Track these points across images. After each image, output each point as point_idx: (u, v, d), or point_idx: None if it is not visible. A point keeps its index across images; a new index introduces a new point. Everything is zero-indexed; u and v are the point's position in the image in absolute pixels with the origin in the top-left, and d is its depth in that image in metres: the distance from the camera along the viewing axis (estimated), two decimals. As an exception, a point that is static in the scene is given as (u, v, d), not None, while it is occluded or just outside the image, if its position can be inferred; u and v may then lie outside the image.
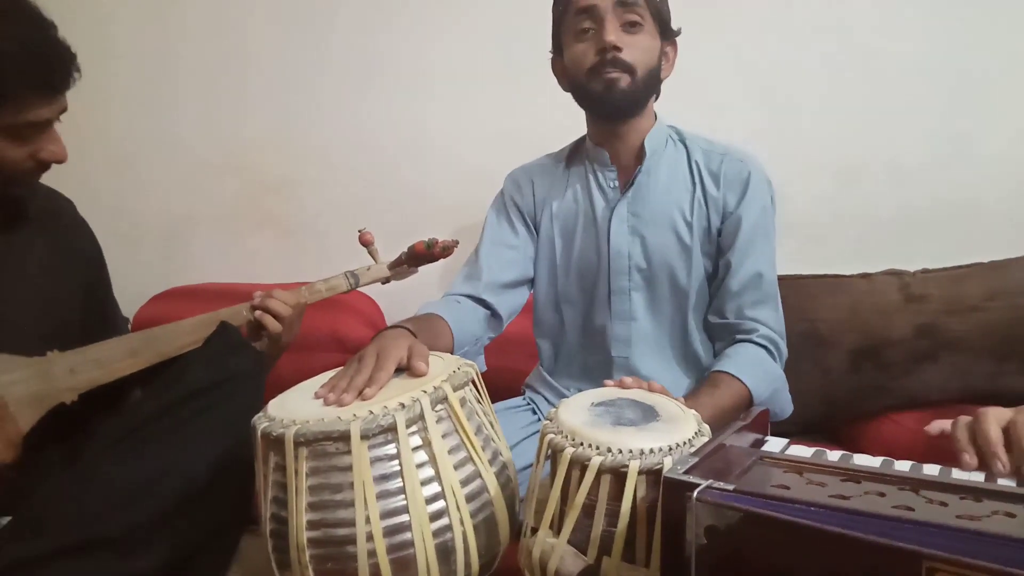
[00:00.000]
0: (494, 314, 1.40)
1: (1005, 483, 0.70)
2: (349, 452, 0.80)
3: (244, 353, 1.20)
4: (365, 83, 2.22)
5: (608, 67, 1.27)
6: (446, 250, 1.40)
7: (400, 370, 0.95)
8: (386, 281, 1.44)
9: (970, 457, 0.76)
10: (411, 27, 2.17)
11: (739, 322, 1.33)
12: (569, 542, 0.80)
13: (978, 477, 0.72)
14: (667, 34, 1.34)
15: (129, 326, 1.57)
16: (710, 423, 0.96)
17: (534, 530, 0.85)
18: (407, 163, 2.22)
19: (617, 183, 1.40)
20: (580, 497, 0.79)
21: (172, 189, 2.38)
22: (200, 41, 2.30)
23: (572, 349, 1.46)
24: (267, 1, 2.25)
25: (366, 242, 1.40)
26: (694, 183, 1.38)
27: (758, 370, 1.27)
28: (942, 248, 1.89)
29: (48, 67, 1.08)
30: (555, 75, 1.42)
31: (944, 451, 0.79)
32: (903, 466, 0.74)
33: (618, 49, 1.26)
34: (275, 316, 1.26)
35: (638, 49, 1.29)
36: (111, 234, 1.46)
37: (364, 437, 0.80)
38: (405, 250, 1.40)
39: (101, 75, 2.31)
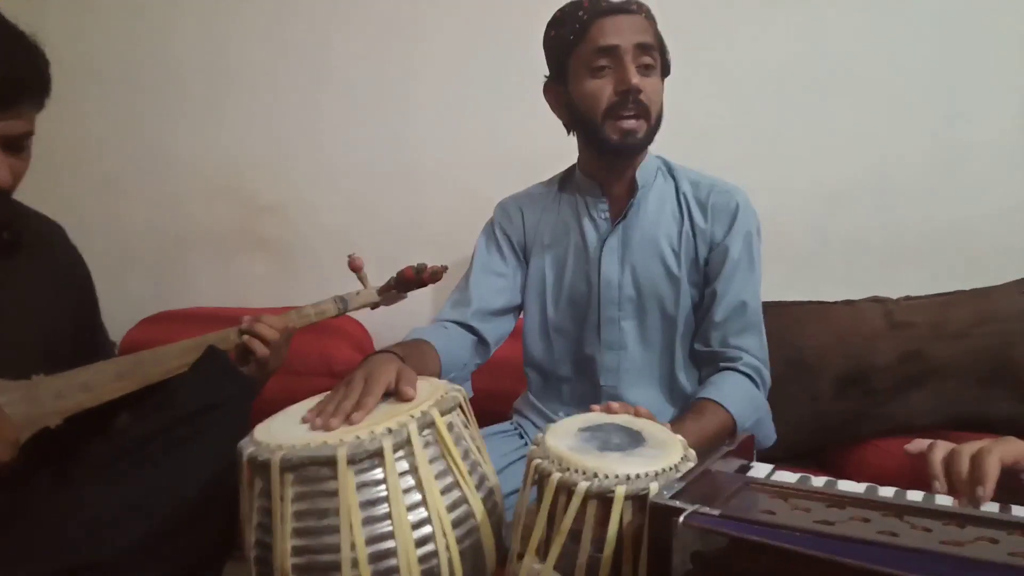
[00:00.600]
0: (481, 340, 1.41)
1: (988, 509, 0.70)
2: (335, 477, 0.79)
3: (232, 378, 1.20)
4: (358, 107, 2.23)
5: (629, 109, 1.27)
6: (435, 275, 1.40)
7: (388, 395, 0.95)
8: (375, 306, 1.44)
9: (940, 485, 0.77)
10: (404, 52, 2.19)
11: (724, 350, 1.34)
12: (555, 568, 0.80)
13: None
14: (667, 73, 1.36)
15: (116, 350, 1.56)
16: (694, 450, 0.96)
17: (520, 556, 0.84)
18: (399, 188, 2.23)
19: (608, 214, 1.41)
20: (567, 522, 0.79)
21: (163, 211, 2.38)
22: (193, 61, 2.31)
23: (560, 377, 1.46)
24: (262, 23, 2.26)
25: (356, 267, 1.40)
26: (682, 214, 1.39)
27: (743, 398, 1.28)
28: (929, 274, 1.92)
29: None
30: (548, 99, 1.41)
31: (927, 480, 0.80)
32: (887, 492, 0.75)
33: (639, 91, 1.27)
34: (263, 341, 1.25)
35: (653, 91, 1.30)
36: (100, 256, 1.46)
37: (351, 462, 0.80)
38: (394, 275, 1.41)
39: (91, 95, 2.33)
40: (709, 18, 1.99)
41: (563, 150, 1.48)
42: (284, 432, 0.87)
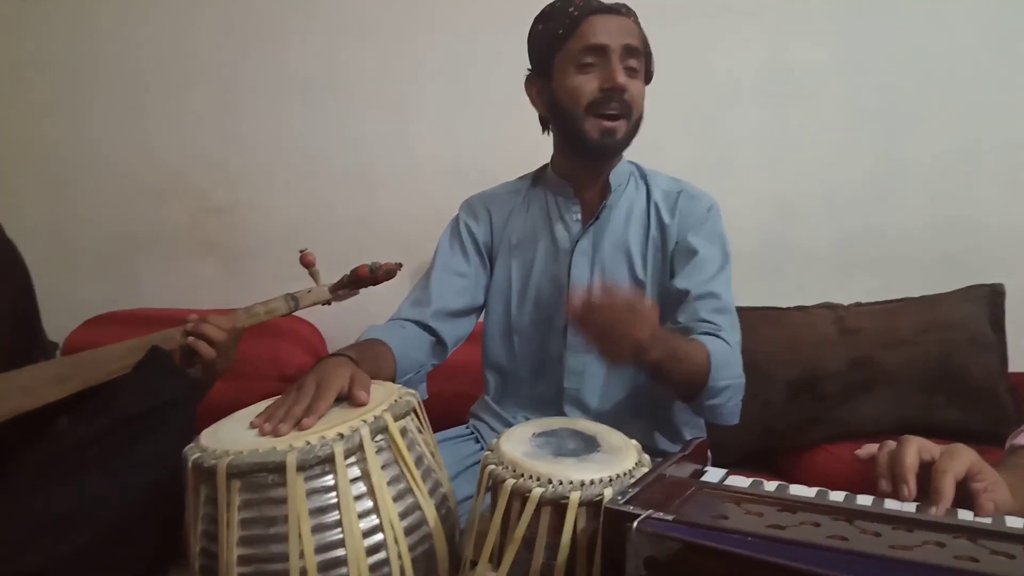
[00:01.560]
0: (439, 341, 1.39)
1: (936, 513, 0.71)
2: (284, 484, 0.77)
3: (176, 379, 1.17)
4: (312, 108, 2.20)
5: (612, 107, 1.28)
6: (389, 274, 1.38)
7: (341, 399, 0.93)
8: (327, 303, 1.42)
9: (886, 483, 0.78)
10: (362, 53, 2.17)
11: (697, 324, 1.28)
12: (509, 575, 0.79)
13: (910, 508, 0.73)
14: (649, 79, 1.37)
15: (59, 352, 1.51)
16: (661, 355, 1.03)
17: (474, 563, 0.84)
18: (354, 189, 2.21)
19: (580, 216, 1.40)
20: (520, 529, 0.78)
21: (110, 210, 2.32)
22: (142, 58, 2.25)
23: (520, 380, 1.45)
24: (217, 22, 2.22)
25: (307, 263, 1.37)
26: (650, 220, 1.39)
27: (723, 356, 1.22)
28: (879, 282, 1.96)
29: None
30: (529, 93, 1.40)
31: (875, 482, 0.81)
32: (838, 496, 0.75)
33: (624, 90, 1.27)
34: (209, 342, 1.22)
35: (637, 93, 1.31)
36: (43, 256, 1.41)
37: (301, 468, 0.78)
38: (348, 273, 1.38)
39: (39, 91, 2.27)
40: (665, 28, 2.00)
41: (520, 156, 1.48)
42: (231, 437, 0.85)
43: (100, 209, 2.32)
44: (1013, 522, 0.67)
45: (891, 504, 0.74)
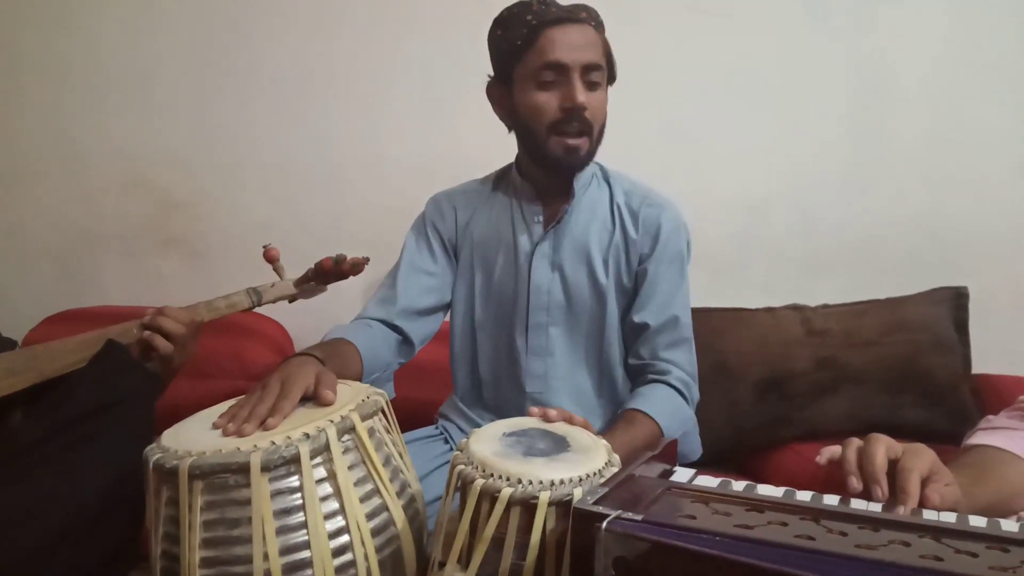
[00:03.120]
0: (406, 340, 1.37)
1: (901, 513, 0.72)
2: (248, 485, 0.76)
3: (134, 374, 1.14)
4: (280, 103, 2.18)
5: (573, 124, 1.26)
6: (355, 267, 1.35)
7: (307, 399, 0.91)
8: (292, 299, 1.39)
9: (856, 481, 0.78)
10: (331, 49, 2.15)
11: (654, 363, 1.35)
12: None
13: (876, 507, 0.73)
14: (612, 80, 1.34)
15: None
16: (625, 458, 0.96)
17: (442, 564, 0.83)
18: (322, 185, 2.19)
19: (542, 218, 1.39)
20: (489, 530, 0.77)
21: (71, 206, 2.27)
22: (103, 48, 2.21)
23: (487, 380, 1.44)
24: (182, 16, 2.18)
25: (271, 258, 1.35)
26: (614, 224, 1.39)
27: (671, 411, 1.29)
28: (845, 283, 1.98)
29: None
30: (490, 100, 1.37)
31: (840, 483, 0.81)
32: (805, 496, 0.76)
33: (585, 108, 1.25)
34: (166, 335, 1.18)
35: (597, 107, 1.28)
36: (3, 251, 1.38)
37: (265, 469, 0.76)
38: (312, 266, 1.36)
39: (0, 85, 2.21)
40: (635, 28, 2.02)
41: (489, 152, 1.47)
42: (193, 438, 0.83)
43: (60, 203, 2.27)
44: (976, 521, 0.68)
45: (857, 504, 0.74)
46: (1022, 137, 2.00)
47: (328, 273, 1.35)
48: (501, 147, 1.44)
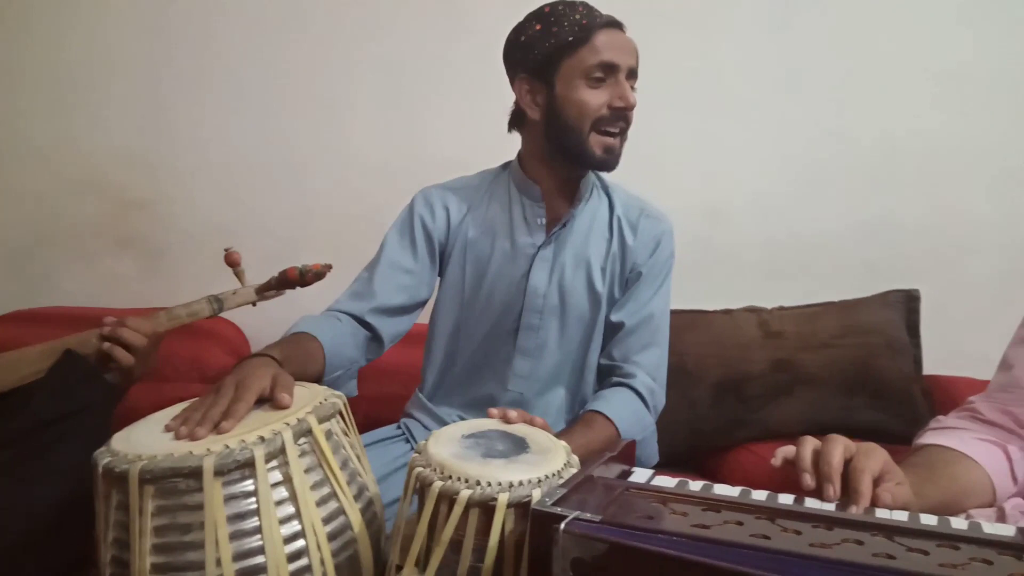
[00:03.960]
0: (376, 338, 1.35)
1: (854, 512, 0.73)
2: (201, 490, 0.74)
3: (92, 384, 1.11)
4: (241, 102, 2.15)
5: (618, 124, 1.29)
6: (319, 276, 1.33)
7: (263, 401, 0.90)
8: (253, 304, 1.37)
9: (810, 479, 0.79)
10: (293, 49, 2.13)
11: (622, 365, 1.36)
12: (435, 579, 0.78)
13: (829, 506, 0.75)
14: None
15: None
16: (582, 458, 0.96)
17: (399, 568, 0.82)
18: (284, 186, 2.16)
19: (544, 220, 1.39)
20: (447, 532, 0.77)
21: (23, 205, 2.22)
22: (63, 50, 2.16)
23: (460, 380, 1.43)
24: (140, 13, 2.14)
25: (232, 262, 1.32)
26: (612, 233, 1.40)
27: (631, 416, 1.30)
28: (801, 286, 2.01)
29: None
30: (519, 93, 1.35)
31: (795, 482, 0.82)
32: (760, 495, 0.77)
33: (632, 108, 1.29)
34: (127, 347, 1.15)
35: (635, 104, 1.31)
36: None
37: (218, 473, 0.75)
38: (276, 274, 1.34)
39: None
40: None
41: (453, 154, 1.47)
42: (145, 441, 0.81)
43: (13, 202, 2.22)
44: (927, 520, 0.70)
45: (811, 503, 0.75)
46: (973, 145, 2.05)
47: (292, 283, 1.33)
48: (463, 151, 1.45)
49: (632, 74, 1.30)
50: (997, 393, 1.08)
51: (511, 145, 1.45)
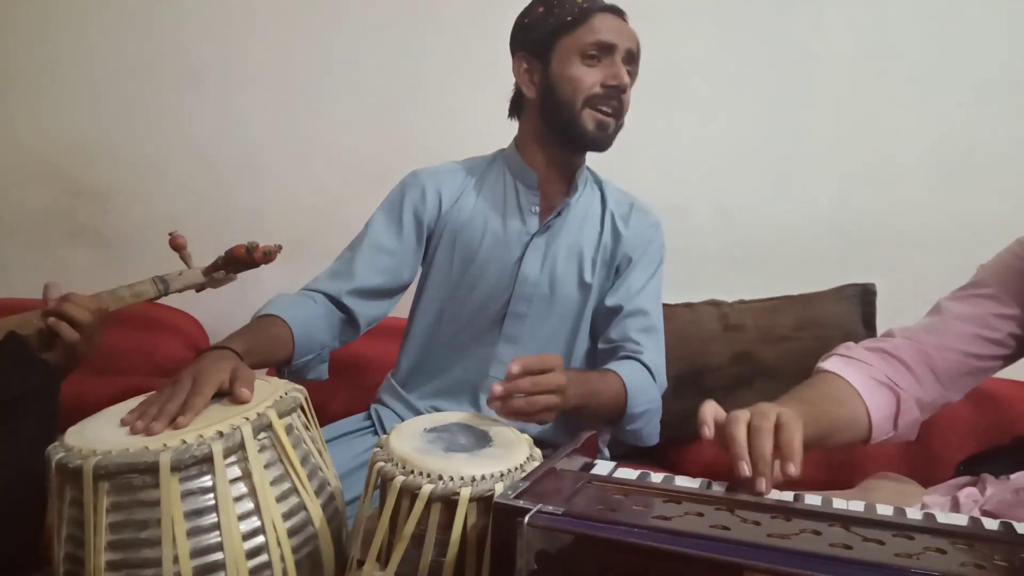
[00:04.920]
0: (352, 320, 1.34)
1: (812, 501, 0.74)
2: (157, 486, 0.73)
3: (34, 368, 1.08)
4: (197, 91, 2.11)
5: (611, 102, 1.30)
6: (268, 255, 1.29)
7: (223, 395, 0.88)
8: (200, 288, 1.33)
9: (747, 468, 0.79)
10: (254, 38, 2.09)
11: (625, 344, 1.36)
12: (397, 574, 0.77)
13: (787, 496, 0.76)
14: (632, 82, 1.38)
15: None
16: (581, 401, 1.08)
17: (361, 563, 0.81)
18: (240, 176, 2.13)
19: (538, 208, 1.39)
20: (409, 527, 0.77)
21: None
22: (8, 35, 2.09)
23: (439, 364, 1.42)
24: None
25: (177, 246, 1.29)
26: (604, 225, 1.42)
27: (640, 383, 1.30)
28: (760, 280, 2.03)
29: None
30: (517, 72, 1.37)
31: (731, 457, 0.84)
32: (720, 487, 0.78)
33: (624, 90, 1.31)
34: (72, 323, 1.12)
35: (627, 98, 1.34)
36: None
37: (175, 469, 0.74)
38: (223, 254, 1.31)
39: None
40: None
41: (415, 151, 1.46)
42: (99, 436, 0.79)
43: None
44: (884, 510, 0.71)
45: (771, 494, 0.76)
46: (929, 140, 2.09)
47: (239, 261, 1.30)
48: (426, 146, 1.44)
49: (630, 58, 1.32)
50: (920, 333, 1.12)
51: (479, 137, 1.45)
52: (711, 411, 0.88)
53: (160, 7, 2.09)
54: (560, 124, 1.33)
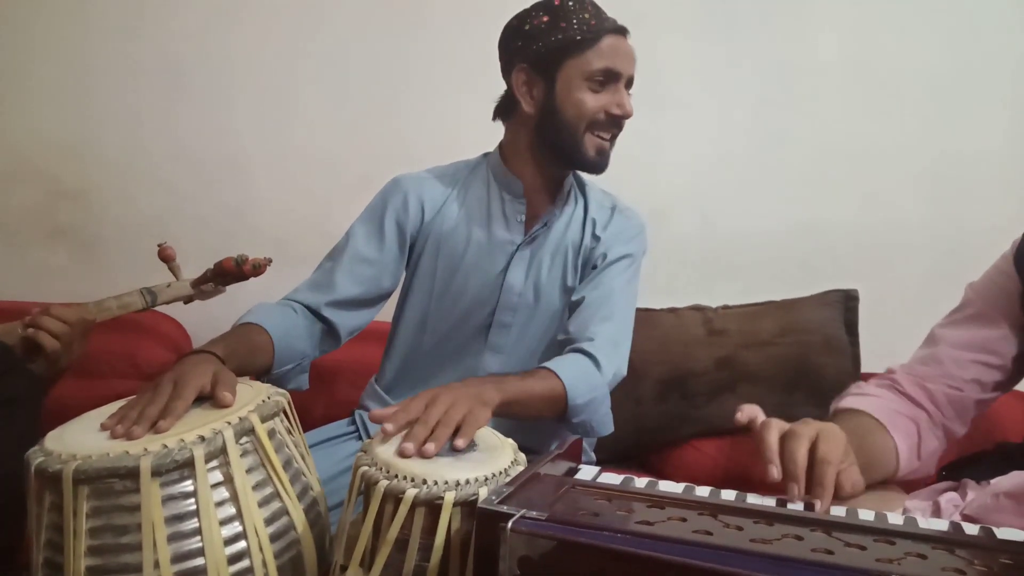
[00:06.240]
0: (332, 331, 1.32)
1: (794, 507, 0.75)
2: (137, 490, 0.72)
3: (17, 376, 1.08)
4: (181, 92, 2.09)
5: (611, 129, 1.31)
6: (257, 268, 1.30)
7: (205, 400, 0.88)
8: (188, 300, 1.33)
9: (777, 472, 0.79)
10: (237, 38, 2.08)
11: (576, 337, 1.33)
12: (380, 579, 0.77)
13: (770, 502, 0.76)
14: None
15: None
16: (518, 401, 1.06)
17: (344, 568, 0.81)
18: (225, 178, 2.11)
19: (523, 217, 1.38)
20: (393, 531, 0.76)
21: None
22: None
23: (424, 372, 1.41)
24: (71, -4, 2.07)
25: (167, 257, 1.29)
26: (585, 232, 1.41)
27: (578, 373, 1.25)
28: (742, 286, 2.04)
29: None
30: (515, 83, 1.33)
31: (740, 478, 0.84)
32: (703, 492, 0.78)
33: (629, 117, 1.32)
34: (50, 334, 1.13)
35: (632, 113, 1.33)
36: None
37: (156, 474, 0.73)
38: (211, 267, 1.31)
39: None
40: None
41: (396, 155, 1.46)
42: (79, 440, 0.78)
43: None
44: (865, 515, 0.72)
45: (753, 499, 0.77)
46: (909, 149, 2.11)
47: (228, 274, 1.30)
48: (407, 149, 1.43)
49: (630, 83, 1.32)
50: (917, 366, 1.11)
51: (462, 141, 1.44)
52: (751, 408, 0.87)
53: (145, 7, 2.08)
54: (558, 144, 1.32)
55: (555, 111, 1.30)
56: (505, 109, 1.38)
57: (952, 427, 1.09)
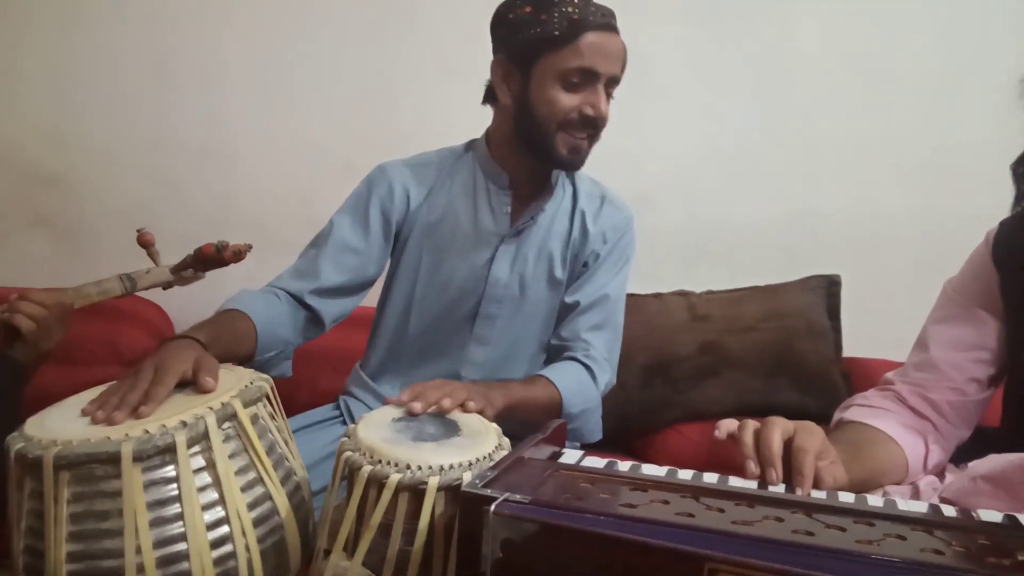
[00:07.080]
0: (316, 319, 1.31)
1: (775, 490, 0.75)
2: (119, 476, 0.72)
3: None
4: (159, 75, 2.07)
5: (586, 130, 1.26)
6: (238, 255, 1.28)
7: (186, 385, 0.87)
8: (168, 286, 1.32)
9: (754, 465, 0.80)
10: (222, 27, 2.06)
11: (571, 343, 1.37)
12: (364, 564, 0.77)
13: (752, 484, 0.77)
14: None
15: None
16: (520, 407, 1.08)
17: (327, 553, 0.81)
18: (208, 167, 2.09)
19: (509, 209, 1.37)
20: (376, 516, 0.76)
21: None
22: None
23: (408, 361, 1.41)
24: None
25: (145, 243, 1.27)
26: (573, 223, 1.40)
27: (575, 384, 1.30)
28: (726, 271, 2.05)
29: None
30: (494, 74, 1.30)
31: (722, 461, 0.84)
32: (686, 475, 0.78)
33: (604, 120, 1.26)
34: (28, 317, 1.12)
35: (607, 117, 1.28)
36: None
37: (137, 459, 0.72)
38: (191, 252, 1.29)
39: None
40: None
41: (383, 142, 1.45)
42: (60, 426, 0.78)
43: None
44: (845, 497, 0.72)
45: (735, 482, 0.77)
46: (894, 140, 2.13)
47: (208, 260, 1.28)
48: (394, 137, 1.42)
49: (613, 82, 1.26)
50: (914, 372, 1.10)
51: (449, 129, 1.44)
52: (727, 423, 0.88)
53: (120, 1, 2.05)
54: (531, 140, 1.29)
55: (528, 107, 1.26)
56: (492, 94, 1.36)
57: (959, 432, 1.08)
